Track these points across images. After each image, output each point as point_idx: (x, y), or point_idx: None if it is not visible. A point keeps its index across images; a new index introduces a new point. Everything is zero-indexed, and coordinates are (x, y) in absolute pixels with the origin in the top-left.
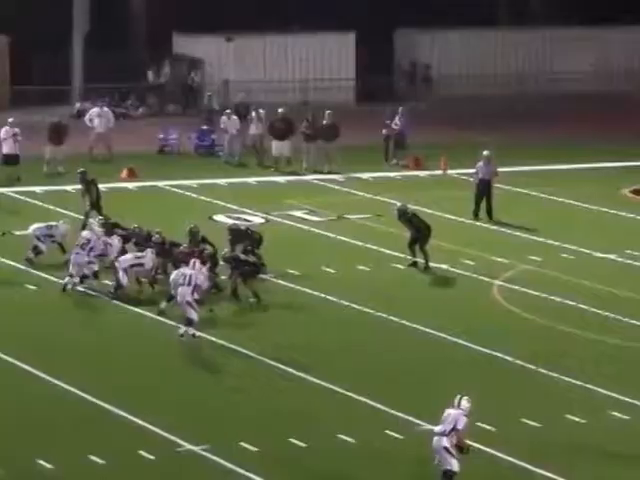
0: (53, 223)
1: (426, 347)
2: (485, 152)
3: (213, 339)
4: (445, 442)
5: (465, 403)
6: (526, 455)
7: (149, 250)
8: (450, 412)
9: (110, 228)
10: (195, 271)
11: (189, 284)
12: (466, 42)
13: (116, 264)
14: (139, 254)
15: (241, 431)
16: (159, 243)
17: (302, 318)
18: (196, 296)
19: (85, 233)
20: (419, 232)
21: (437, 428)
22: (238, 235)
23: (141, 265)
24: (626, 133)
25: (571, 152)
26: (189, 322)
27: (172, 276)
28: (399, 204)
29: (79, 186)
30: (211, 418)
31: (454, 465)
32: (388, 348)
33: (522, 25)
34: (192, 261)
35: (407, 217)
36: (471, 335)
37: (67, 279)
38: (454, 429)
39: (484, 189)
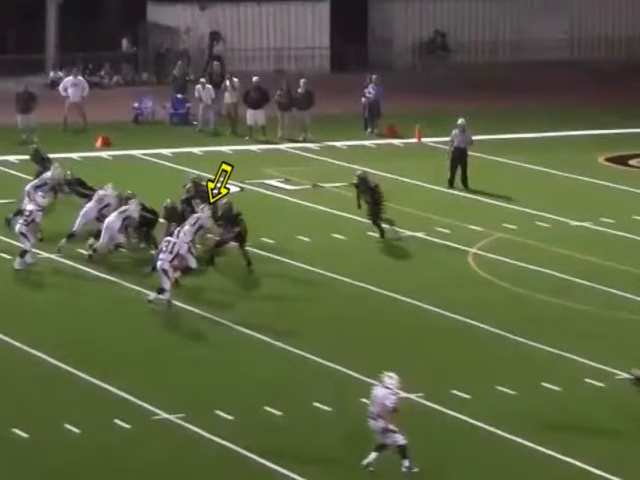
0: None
1: (402, 315)
2: (460, 120)
3: (189, 308)
4: (381, 424)
5: (389, 380)
6: (501, 423)
7: (130, 201)
8: (377, 393)
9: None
10: (179, 240)
11: (170, 252)
12: (446, 9)
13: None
14: (121, 208)
15: (216, 400)
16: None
17: (277, 287)
18: (176, 263)
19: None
20: (376, 204)
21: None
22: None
23: (129, 217)
24: (601, 101)
25: (546, 120)
26: (160, 290)
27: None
28: (359, 171)
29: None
30: (186, 387)
31: (399, 439)
32: (364, 317)
33: None
34: (177, 230)
35: (368, 185)
36: (447, 303)
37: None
38: (385, 409)
39: (459, 157)
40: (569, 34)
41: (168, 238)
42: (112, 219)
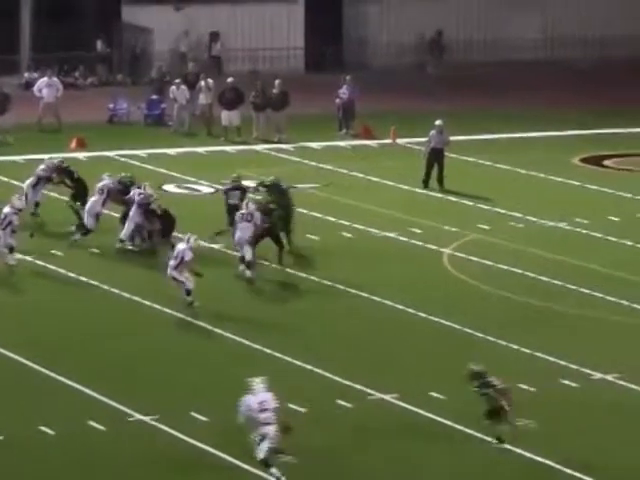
0: None
1: (376, 316)
2: (437, 121)
3: (164, 309)
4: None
5: (193, 240)
6: (476, 423)
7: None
8: (179, 247)
9: None
10: (187, 246)
11: (175, 258)
12: (418, 10)
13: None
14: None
15: (191, 401)
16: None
17: (251, 287)
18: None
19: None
20: (287, 210)
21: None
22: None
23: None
24: (575, 101)
25: (520, 120)
26: (187, 292)
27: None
28: (272, 177)
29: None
30: (161, 388)
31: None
32: (339, 318)
33: None
34: (187, 236)
35: (281, 189)
36: (421, 304)
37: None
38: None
39: (436, 158)
40: (544, 33)
41: (179, 245)
42: (133, 212)
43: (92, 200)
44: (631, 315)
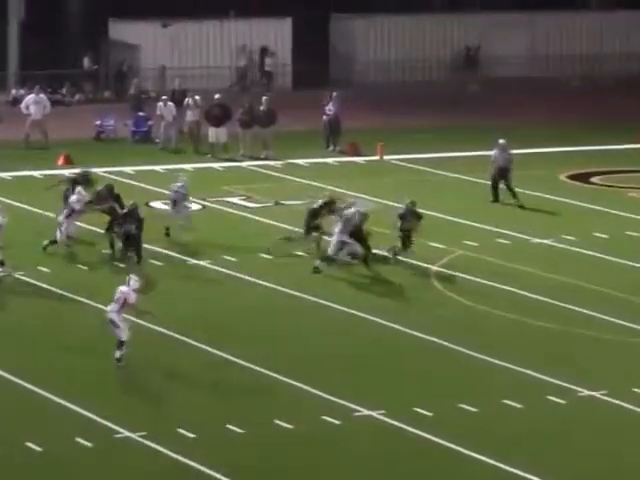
0: None
1: (363, 333)
2: (501, 140)
3: (149, 326)
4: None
5: (134, 283)
6: (463, 440)
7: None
8: (121, 289)
9: None
10: (129, 288)
11: (117, 301)
12: (402, 27)
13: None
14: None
15: (178, 417)
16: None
17: (237, 304)
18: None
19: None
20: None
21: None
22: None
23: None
24: (561, 118)
25: (509, 137)
26: (119, 344)
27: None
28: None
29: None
30: (148, 405)
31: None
32: (324, 334)
33: (457, 10)
34: (127, 278)
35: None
36: (408, 321)
37: None
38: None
39: (501, 176)
40: (530, 51)
41: (120, 288)
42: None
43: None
44: (620, 333)
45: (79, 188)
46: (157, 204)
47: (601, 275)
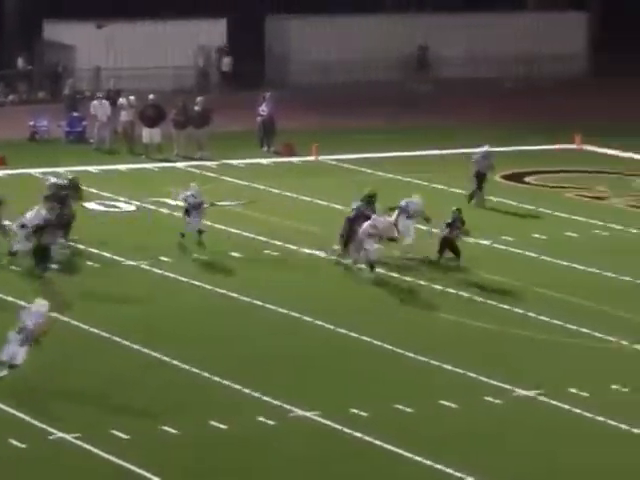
0: None
1: (299, 333)
2: (484, 147)
3: (84, 326)
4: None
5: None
6: (398, 441)
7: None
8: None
9: None
10: (32, 314)
11: (21, 330)
12: (340, 28)
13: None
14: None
15: (112, 419)
16: None
17: (173, 305)
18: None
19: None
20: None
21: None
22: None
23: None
24: (496, 118)
25: (444, 137)
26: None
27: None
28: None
29: None
30: (82, 406)
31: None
32: (261, 335)
33: (403, 11)
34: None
35: (61, 195)
36: (344, 321)
37: None
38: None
39: (478, 181)
40: (473, 52)
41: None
42: None
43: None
44: (556, 333)
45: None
46: (92, 205)
47: (540, 276)
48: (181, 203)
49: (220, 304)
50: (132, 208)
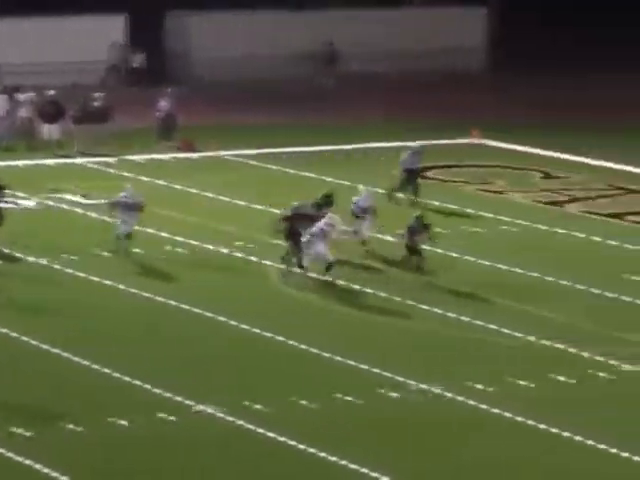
0: None
1: (200, 328)
2: (413, 144)
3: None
4: None
5: None
6: (301, 436)
7: None
8: None
9: None
10: None
11: None
12: (242, 24)
13: None
14: None
15: (13, 417)
16: None
17: (78, 303)
18: None
19: None
20: None
21: None
22: None
23: None
24: (395, 114)
25: (345, 133)
26: None
27: None
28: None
29: None
30: None
31: None
32: (169, 333)
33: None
34: None
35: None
36: (248, 317)
37: None
38: None
39: (408, 179)
40: (369, 47)
41: None
42: None
43: None
44: (463, 329)
45: None
46: None
47: (447, 272)
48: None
49: (125, 301)
50: (32, 204)
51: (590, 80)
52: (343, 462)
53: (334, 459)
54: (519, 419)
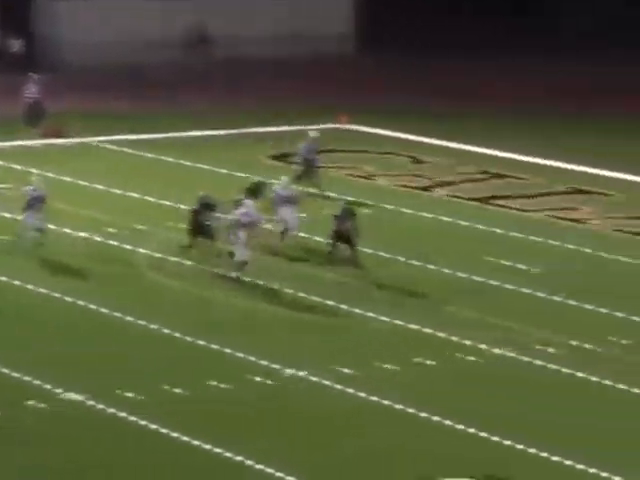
0: None
1: (64, 313)
2: (312, 133)
3: None
4: None
5: None
6: (170, 422)
7: None
8: None
9: None
10: None
11: None
12: (116, 10)
13: None
14: None
15: None
16: None
17: None
18: None
19: None
20: None
21: None
22: None
23: None
24: (265, 99)
25: (196, 118)
26: None
27: None
28: None
29: None
30: None
31: None
32: (19, 314)
33: None
34: None
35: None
36: (115, 303)
37: None
38: None
39: (307, 168)
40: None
41: None
42: None
43: None
44: (328, 314)
45: None
46: None
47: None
48: None
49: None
50: None
51: (460, 66)
52: (218, 450)
53: (208, 447)
54: (386, 402)
